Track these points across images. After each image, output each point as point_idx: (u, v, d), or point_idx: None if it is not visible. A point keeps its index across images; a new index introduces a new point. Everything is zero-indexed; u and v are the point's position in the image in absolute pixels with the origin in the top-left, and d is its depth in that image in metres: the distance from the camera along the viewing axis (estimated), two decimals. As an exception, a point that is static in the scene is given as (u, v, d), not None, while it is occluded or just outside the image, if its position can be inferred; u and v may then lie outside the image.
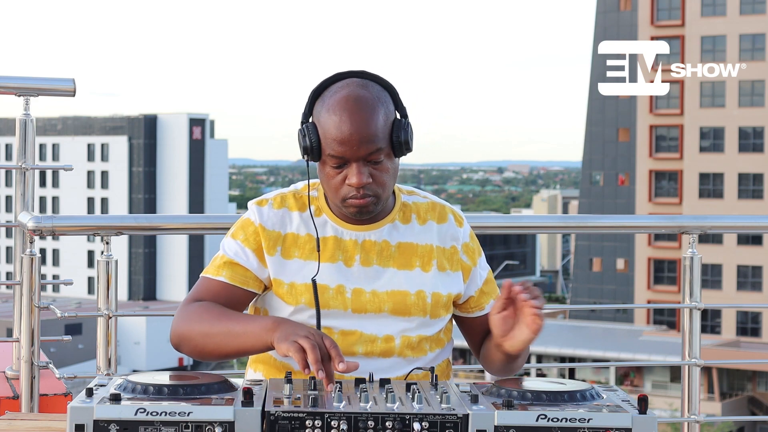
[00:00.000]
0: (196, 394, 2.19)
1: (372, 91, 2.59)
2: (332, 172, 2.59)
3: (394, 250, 2.68)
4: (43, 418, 2.52)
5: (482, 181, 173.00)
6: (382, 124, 2.57)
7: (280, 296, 2.64)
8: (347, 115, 2.54)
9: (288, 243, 2.66)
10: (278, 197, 2.72)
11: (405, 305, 2.64)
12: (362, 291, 2.64)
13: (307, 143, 2.58)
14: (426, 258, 2.69)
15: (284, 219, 2.68)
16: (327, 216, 2.68)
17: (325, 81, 2.63)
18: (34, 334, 3.64)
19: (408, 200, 2.75)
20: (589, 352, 49.56)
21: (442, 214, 2.76)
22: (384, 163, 2.59)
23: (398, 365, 2.64)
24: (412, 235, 2.70)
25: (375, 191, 2.59)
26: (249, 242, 2.66)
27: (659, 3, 54.66)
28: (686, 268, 4.04)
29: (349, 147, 2.54)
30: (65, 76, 3.98)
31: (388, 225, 2.69)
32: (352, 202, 2.59)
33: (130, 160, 76.95)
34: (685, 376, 4.05)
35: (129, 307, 64.14)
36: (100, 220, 3.66)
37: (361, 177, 2.56)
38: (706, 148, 53.63)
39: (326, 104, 2.58)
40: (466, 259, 2.75)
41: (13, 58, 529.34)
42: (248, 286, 2.65)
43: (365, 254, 2.66)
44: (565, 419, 2.12)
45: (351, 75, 2.63)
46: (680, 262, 4.14)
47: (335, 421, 2.11)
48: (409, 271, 2.67)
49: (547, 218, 4.49)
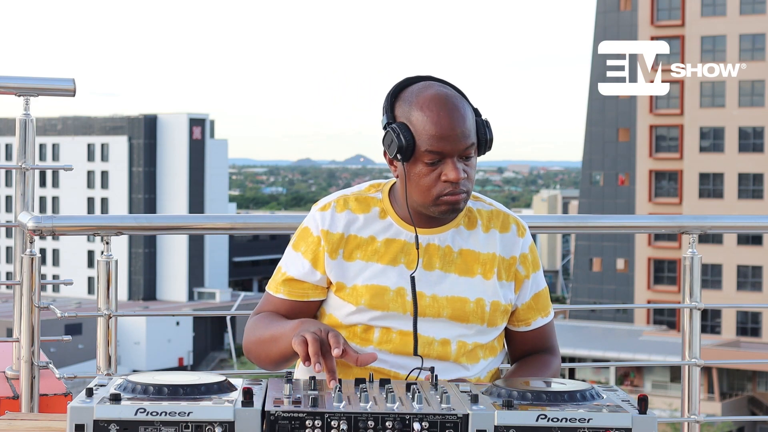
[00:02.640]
0: (196, 394, 2.19)
1: (454, 91, 2.65)
2: (425, 170, 2.60)
3: (456, 255, 2.69)
4: (43, 418, 2.52)
5: (482, 181, 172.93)
6: (471, 120, 2.62)
7: (342, 297, 2.67)
8: (445, 112, 2.58)
9: (351, 245, 2.67)
10: (341, 199, 2.73)
11: (464, 312, 2.65)
12: (423, 295, 2.65)
13: (402, 142, 2.58)
14: (488, 266, 2.70)
15: (347, 221, 2.69)
16: (392, 218, 2.70)
17: (400, 84, 2.66)
18: (34, 334, 3.64)
19: (473, 206, 2.76)
20: (589, 352, 49.56)
21: (506, 223, 2.76)
22: (473, 159, 2.63)
23: (452, 369, 2.65)
24: (475, 242, 2.71)
25: (468, 187, 2.62)
26: (308, 253, 2.69)
27: (659, 3, 54.65)
28: (686, 268, 4.04)
29: (448, 142, 2.57)
30: (65, 76, 3.98)
31: (452, 230, 2.70)
32: (446, 199, 2.60)
33: (130, 160, 76.91)
34: (685, 376, 4.05)
35: (129, 307, 64.15)
36: (100, 220, 3.65)
37: (458, 172, 2.58)
38: (706, 148, 53.62)
39: (415, 103, 2.61)
40: (522, 269, 2.75)
41: (13, 58, 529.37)
42: (308, 298, 2.70)
43: (428, 258, 2.67)
44: (565, 419, 2.12)
45: (422, 79, 2.66)
46: (680, 262, 4.13)
47: (335, 421, 2.11)
48: (470, 278, 2.68)
49: (547, 218, 4.48)
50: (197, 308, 62.88)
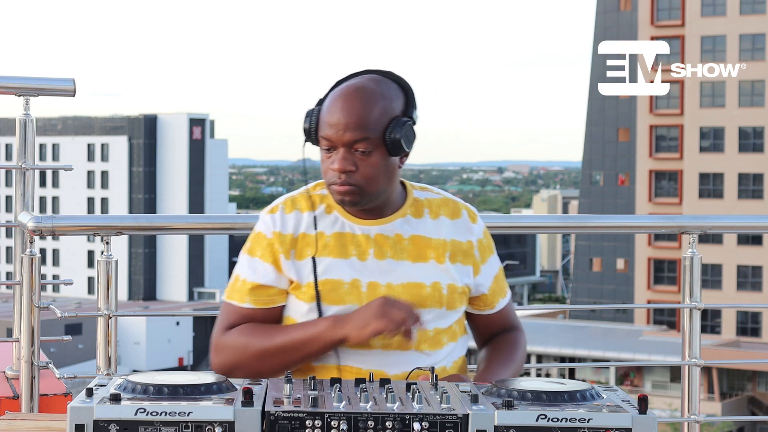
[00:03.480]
0: (196, 394, 2.19)
1: (380, 86, 2.63)
2: (324, 156, 2.65)
3: (407, 243, 2.69)
4: (43, 418, 2.52)
5: (482, 181, 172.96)
6: (376, 116, 2.60)
7: (297, 296, 2.67)
8: (342, 102, 2.60)
9: (301, 244, 2.68)
10: (289, 200, 2.74)
11: (421, 297, 2.65)
12: (377, 284, 2.65)
13: (307, 124, 2.65)
14: (440, 251, 2.71)
15: (296, 221, 2.70)
16: (338, 212, 2.71)
17: (348, 75, 2.69)
18: (34, 334, 3.64)
19: (420, 196, 2.77)
20: (589, 352, 49.55)
21: (456, 210, 2.77)
22: (373, 156, 2.61)
23: (415, 359, 2.64)
24: (424, 229, 2.72)
25: (357, 182, 2.61)
26: (267, 256, 2.69)
27: (659, 3, 54.64)
28: (686, 268, 4.04)
29: (335, 131, 2.60)
30: (65, 76, 3.98)
31: (399, 219, 2.71)
32: (334, 188, 2.64)
33: (130, 160, 76.93)
34: (685, 376, 4.05)
35: (129, 307, 64.16)
36: (100, 220, 3.65)
37: (342, 163, 2.60)
38: (706, 148, 53.62)
39: (333, 92, 2.65)
40: (478, 255, 2.76)
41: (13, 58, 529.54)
42: (275, 304, 2.70)
43: (379, 248, 2.68)
44: (565, 419, 2.12)
45: (374, 72, 2.68)
46: (680, 262, 4.14)
47: (335, 421, 2.11)
48: (423, 264, 2.69)
49: (547, 218, 4.49)
50: (197, 308, 62.85)
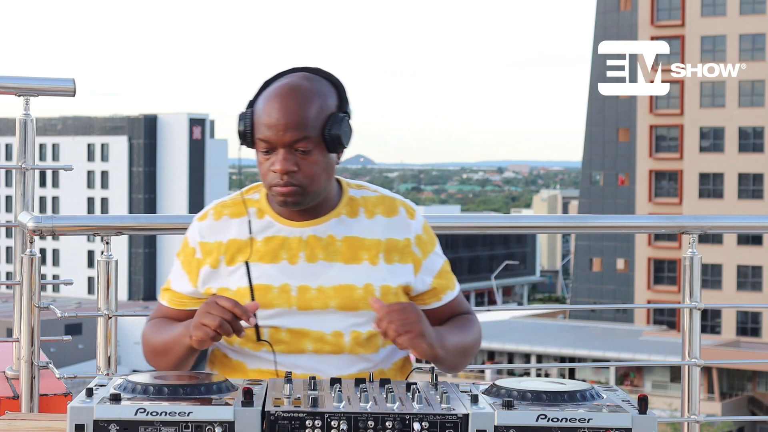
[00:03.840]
0: (196, 394, 2.19)
1: (313, 84, 2.61)
2: (262, 159, 2.62)
3: (340, 244, 2.66)
4: (43, 418, 2.52)
5: (482, 181, 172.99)
6: (314, 114, 2.58)
7: None
8: (278, 102, 2.57)
9: (231, 250, 2.67)
10: (218, 206, 2.73)
11: (352, 300, 2.62)
12: (308, 288, 2.63)
13: (241, 128, 2.61)
14: (374, 251, 2.67)
15: (226, 227, 2.69)
16: (270, 216, 2.69)
17: (276, 74, 2.66)
18: (34, 334, 3.64)
19: (356, 194, 2.73)
20: (589, 352, 49.57)
21: (392, 208, 2.73)
22: (314, 154, 2.59)
23: (350, 362, 2.63)
24: (359, 229, 2.68)
25: (300, 182, 2.59)
26: (185, 264, 2.72)
27: (659, 3, 54.65)
28: (686, 268, 4.04)
29: (275, 132, 2.56)
30: (65, 76, 3.98)
31: (333, 219, 2.68)
32: (276, 190, 2.60)
33: (130, 160, 76.94)
34: (685, 376, 4.05)
35: (129, 307, 64.14)
36: (100, 220, 3.66)
37: (284, 163, 2.57)
38: (706, 148, 53.63)
39: (266, 92, 2.62)
40: (418, 251, 2.71)
41: (13, 58, 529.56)
42: (186, 307, 2.72)
43: (310, 250, 2.65)
44: (565, 419, 2.12)
45: (303, 69, 2.65)
46: (680, 262, 4.14)
47: (335, 421, 2.11)
48: (356, 265, 2.65)
49: (547, 218, 4.48)
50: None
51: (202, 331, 2.47)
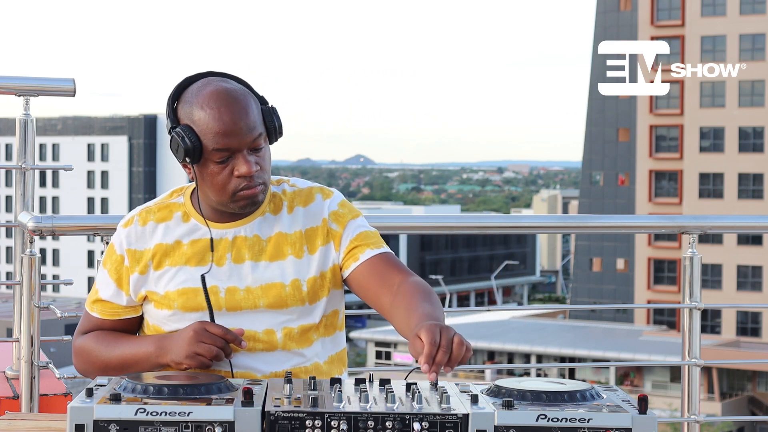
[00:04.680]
0: (196, 394, 2.19)
1: (234, 84, 2.62)
2: (217, 168, 2.59)
3: (265, 243, 2.67)
4: (43, 418, 2.52)
5: (482, 181, 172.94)
6: (256, 111, 2.60)
7: (157, 306, 2.67)
8: (225, 107, 2.56)
9: (159, 255, 2.67)
10: (143, 212, 2.72)
11: (281, 298, 2.63)
12: (236, 289, 2.63)
13: (188, 144, 2.56)
14: (297, 245, 2.67)
15: (151, 233, 2.69)
16: (195, 219, 2.68)
17: (180, 85, 2.64)
18: (34, 334, 3.64)
19: (277, 190, 2.73)
20: (589, 352, 49.55)
21: (309, 197, 2.73)
22: (264, 150, 2.62)
23: (283, 358, 2.63)
24: (282, 225, 2.68)
25: (263, 179, 2.61)
26: (113, 272, 2.70)
27: (659, 3, 54.65)
28: (686, 268, 4.04)
29: (234, 137, 2.56)
30: (65, 76, 3.97)
31: (258, 218, 2.68)
32: (243, 194, 2.59)
33: (130, 160, 76.97)
34: (685, 376, 4.05)
35: (129, 307, 64.02)
36: (100, 220, 3.66)
37: (250, 165, 2.57)
38: (706, 148, 53.63)
39: (195, 103, 2.59)
40: (335, 226, 2.70)
41: (13, 58, 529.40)
42: (120, 316, 2.71)
43: (237, 251, 2.65)
44: (565, 419, 2.12)
45: (203, 76, 2.64)
46: (680, 262, 4.14)
47: (335, 421, 2.11)
48: (282, 261, 2.65)
49: (547, 218, 4.49)
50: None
51: (197, 361, 2.51)
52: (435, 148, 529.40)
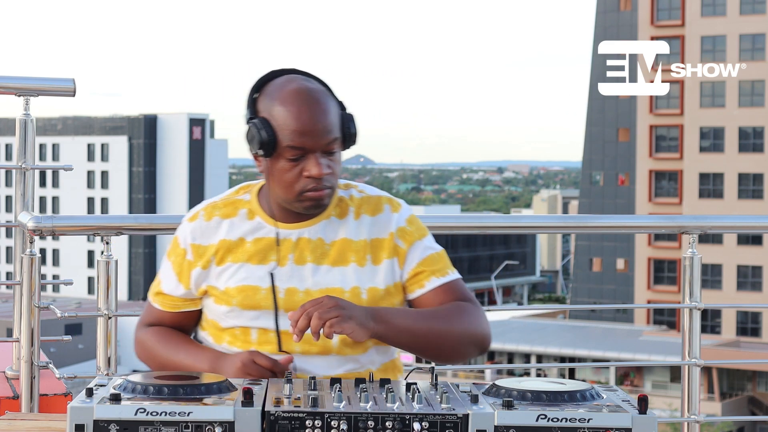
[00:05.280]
0: (196, 394, 2.19)
1: (317, 86, 2.62)
2: (288, 166, 2.58)
3: (328, 247, 2.66)
4: (43, 418, 2.52)
5: (482, 181, 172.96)
6: (335, 115, 2.59)
7: (216, 302, 2.67)
8: (306, 106, 2.56)
9: (222, 250, 2.67)
10: (209, 207, 2.72)
11: None
12: (295, 290, 2.62)
13: (263, 137, 2.56)
14: (361, 253, 2.66)
15: (216, 228, 2.69)
16: (260, 218, 2.68)
17: (263, 78, 2.64)
18: (34, 334, 3.64)
19: (344, 195, 2.72)
20: (589, 352, 49.56)
21: (377, 206, 2.72)
22: (337, 154, 2.61)
23: (337, 363, 2.62)
24: (347, 231, 2.67)
25: (332, 183, 2.60)
26: (176, 265, 2.71)
27: (659, 3, 54.65)
28: (686, 268, 4.04)
29: (310, 137, 2.55)
30: (65, 76, 3.98)
31: (323, 221, 2.67)
32: (310, 195, 2.59)
33: (130, 160, 76.94)
34: (685, 376, 4.05)
35: (129, 307, 64.06)
36: (100, 220, 3.66)
37: (321, 168, 2.56)
38: (706, 148, 53.63)
39: (277, 98, 2.58)
40: (401, 243, 2.69)
41: (13, 58, 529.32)
42: (179, 309, 2.73)
43: (299, 252, 2.65)
44: (565, 419, 2.12)
45: (286, 72, 2.64)
46: (680, 262, 4.14)
47: (335, 421, 2.11)
48: (344, 267, 2.64)
49: (547, 218, 4.48)
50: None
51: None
52: (435, 148, 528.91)
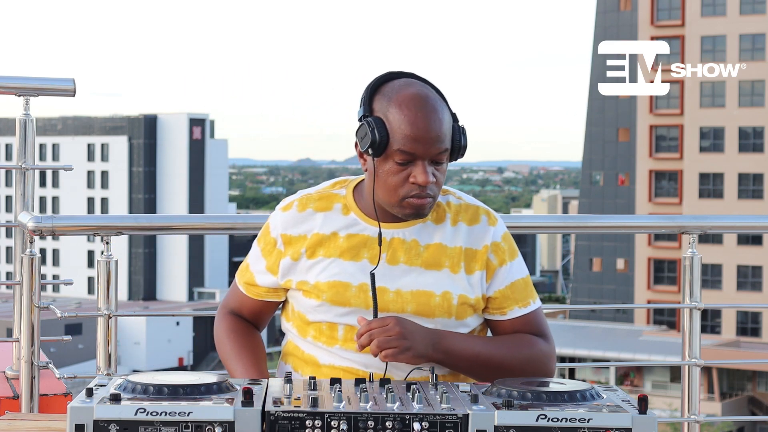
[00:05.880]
0: (196, 394, 2.19)
1: (434, 93, 2.61)
2: (395, 169, 2.57)
3: (422, 249, 2.64)
4: (43, 418, 2.52)
5: (482, 181, 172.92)
6: (448, 126, 2.58)
7: (305, 295, 2.66)
8: (423, 113, 2.54)
9: (313, 243, 2.66)
10: (303, 198, 2.72)
11: (429, 306, 2.61)
12: (386, 290, 2.61)
13: (376, 137, 2.54)
14: (455, 260, 2.64)
15: (309, 220, 2.68)
16: (355, 214, 2.67)
17: (381, 77, 2.62)
18: (34, 334, 3.64)
19: (442, 200, 2.71)
20: (589, 352, 49.55)
21: (475, 216, 2.70)
22: (444, 165, 2.60)
23: (407, 367, 2.59)
24: (442, 236, 2.66)
25: (434, 192, 2.59)
26: (266, 253, 2.71)
27: (659, 3, 54.64)
28: (686, 268, 4.04)
29: (421, 144, 2.54)
30: (65, 76, 3.98)
31: (419, 224, 2.66)
32: (411, 202, 2.57)
33: (130, 160, 76.92)
34: (685, 376, 4.05)
35: (129, 307, 64.12)
36: (100, 220, 3.66)
37: (427, 176, 2.55)
38: (706, 148, 53.62)
39: (394, 100, 2.57)
40: (494, 258, 2.68)
41: (13, 58, 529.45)
42: (262, 298, 2.74)
43: (392, 252, 2.63)
44: (565, 419, 2.12)
45: (404, 75, 2.62)
46: (680, 262, 4.13)
47: (335, 421, 2.11)
48: (436, 272, 2.63)
49: (547, 218, 4.48)
50: (197, 308, 62.83)
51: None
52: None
